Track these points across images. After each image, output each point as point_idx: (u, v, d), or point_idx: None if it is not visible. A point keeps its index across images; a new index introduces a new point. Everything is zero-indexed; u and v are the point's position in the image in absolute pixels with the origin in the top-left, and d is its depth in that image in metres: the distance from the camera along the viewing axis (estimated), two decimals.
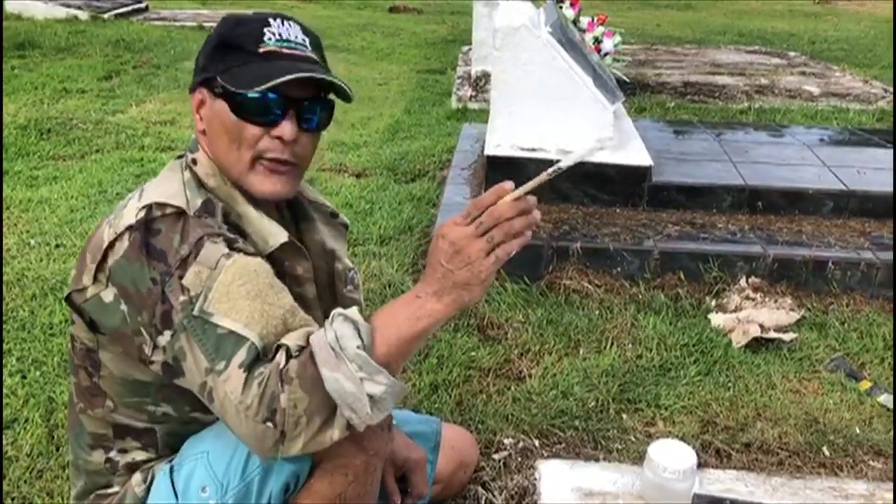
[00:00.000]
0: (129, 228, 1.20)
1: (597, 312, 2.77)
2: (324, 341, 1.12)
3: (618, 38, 5.84)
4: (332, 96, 1.31)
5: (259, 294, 1.17)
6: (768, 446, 2.14)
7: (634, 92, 5.94)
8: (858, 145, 4.16)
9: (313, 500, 1.30)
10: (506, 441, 2.11)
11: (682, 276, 2.95)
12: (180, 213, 1.21)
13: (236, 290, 1.15)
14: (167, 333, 1.17)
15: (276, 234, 1.29)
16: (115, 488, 1.37)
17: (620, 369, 2.44)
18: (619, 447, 2.11)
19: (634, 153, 3.39)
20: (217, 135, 1.27)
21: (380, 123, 5.23)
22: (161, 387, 1.29)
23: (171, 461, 1.34)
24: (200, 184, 1.28)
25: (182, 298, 1.15)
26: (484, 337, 2.63)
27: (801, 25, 10.90)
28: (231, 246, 1.21)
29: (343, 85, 1.26)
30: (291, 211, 1.45)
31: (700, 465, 1.96)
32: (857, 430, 2.20)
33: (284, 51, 1.25)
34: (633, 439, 2.14)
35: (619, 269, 2.97)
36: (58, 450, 1.99)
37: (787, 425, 2.22)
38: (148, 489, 1.33)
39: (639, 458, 2.00)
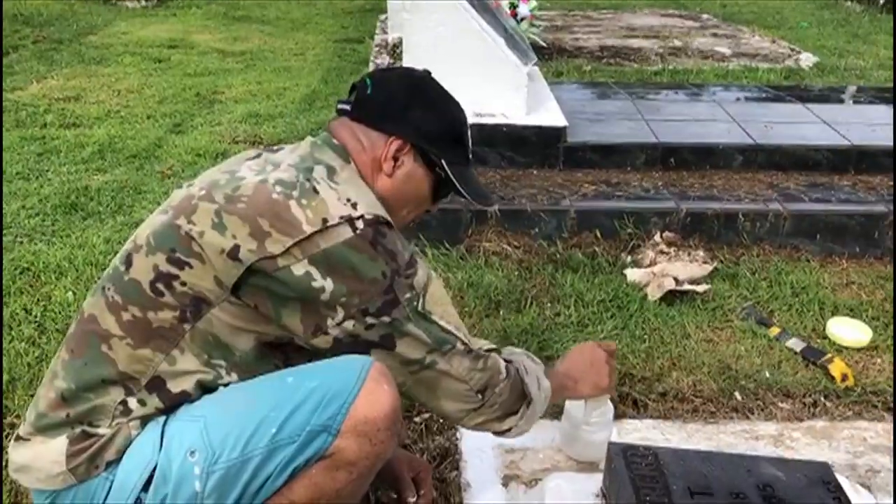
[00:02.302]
0: (349, 220, 1.29)
1: (516, 273, 2.78)
2: (531, 370, 1.54)
3: (534, 3, 5.82)
4: None
5: (450, 303, 1.46)
6: (683, 394, 2.18)
7: (551, 56, 5.96)
8: (767, 101, 4.27)
9: (311, 492, 1.30)
10: None
11: (598, 233, 2.98)
12: (389, 223, 1.37)
13: (442, 298, 1.43)
14: (384, 318, 1.33)
15: None
16: (104, 430, 1.30)
17: (539, 327, 2.46)
18: None
19: (549, 114, 3.40)
20: (406, 191, 1.49)
21: (296, 94, 5.11)
22: (243, 360, 1.34)
23: (167, 414, 1.31)
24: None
25: (407, 296, 1.35)
26: None
27: None
28: None
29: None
30: None
31: (617, 416, 1.99)
32: (767, 374, 2.27)
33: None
34: None
35: (536, 230, 2.98)
36: None
37: (701, 373, 2.27)
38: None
39: (558, 413, 2.02)
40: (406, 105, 1.46)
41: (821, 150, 3.41)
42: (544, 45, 5.98)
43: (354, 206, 1.32)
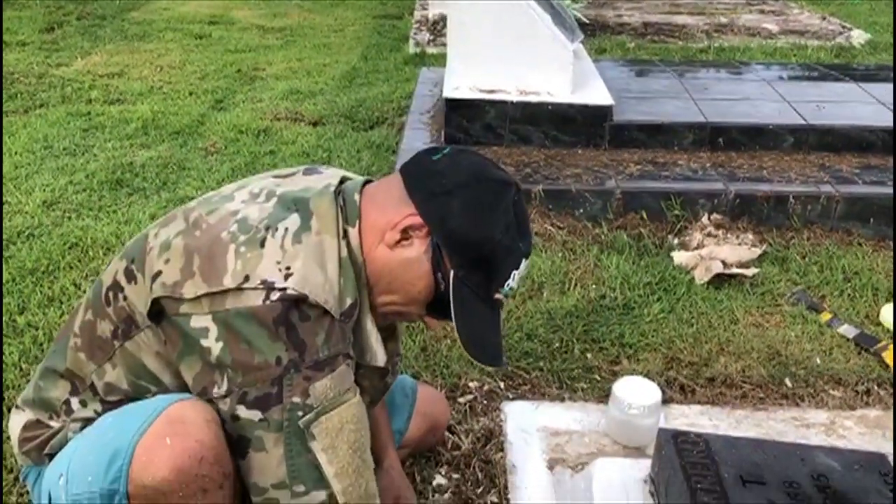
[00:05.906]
0: (269, 287, 1.12)
1: (560, 255, 2.75)
2: None
3: None
4: None
5: (360, 448, 1.22)
6: (732, 380, 2.15)
7: (594, 33, 5.87)
8: (817, 80, 4.16)
9: None
10: (471, 384, 2.09)
11: (644, 215, 2.93)
12: (328, 313, 1.17)
13: (347, 434, 1.19)
14: (254, 413, 1.15)
15: (376, 356, 1.30)
16: (55, 424, 1.32)
17: (584, 310, 2.43)
18: (585, 386, 2.10)
19: (595, 93, 3.35)
20: (398, 277, 1.25)
21: (336, 70, 5.10)
22: (171, 387, 1.25)
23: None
24: (353, 271, 1.23)
25: (296, 399, 1.15)
26: None
27: None
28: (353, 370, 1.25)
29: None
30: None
31: (665, 401, 1.97)
32: (818, 361, 2.23)
33: (501, 300, 1.29)
34: (598, 378, 2.14)
35: (581, 211, 2.94)
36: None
37: (749, 359, 2.23)
38: None
39: (604, 397, 2.00)
40: (451, 190, 1.22)
41: (875, 130, 3.32)
42: (587, 21, 5.89)
43: (287, 276, 1.14)
